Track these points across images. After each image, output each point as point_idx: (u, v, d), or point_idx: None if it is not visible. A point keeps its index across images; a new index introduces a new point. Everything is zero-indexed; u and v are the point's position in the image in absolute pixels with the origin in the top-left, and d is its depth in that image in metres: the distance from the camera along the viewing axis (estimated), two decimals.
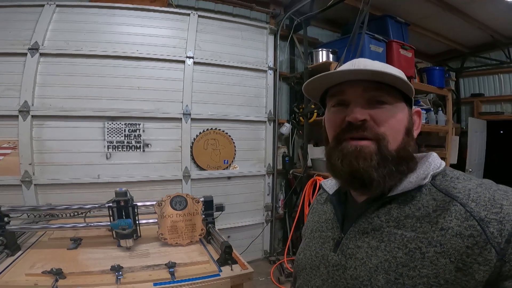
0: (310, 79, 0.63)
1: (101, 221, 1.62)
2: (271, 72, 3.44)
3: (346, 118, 0.58)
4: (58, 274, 1.25)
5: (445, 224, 0.49)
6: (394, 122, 0.58)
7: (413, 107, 0.66)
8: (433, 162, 0.59)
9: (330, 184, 0.74)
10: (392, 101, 0.58)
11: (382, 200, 0.58)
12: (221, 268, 1.44)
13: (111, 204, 1.48)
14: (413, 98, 0.64)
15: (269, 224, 3.51)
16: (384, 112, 0.58)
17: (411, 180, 0.56)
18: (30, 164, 2.44)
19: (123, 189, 1.49)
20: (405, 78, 0.58)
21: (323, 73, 0.60)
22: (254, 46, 3.39)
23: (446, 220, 0.49)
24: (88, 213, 1.55)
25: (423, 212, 0.53)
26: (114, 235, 1.52)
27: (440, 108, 4.29)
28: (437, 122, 3.96)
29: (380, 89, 0.58)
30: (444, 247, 0.48)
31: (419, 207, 0.54)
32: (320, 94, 0.68)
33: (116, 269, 1.32)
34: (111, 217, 1.50)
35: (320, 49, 3.25)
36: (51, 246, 1.61)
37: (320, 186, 0.80)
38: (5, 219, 1.50)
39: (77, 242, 1.58)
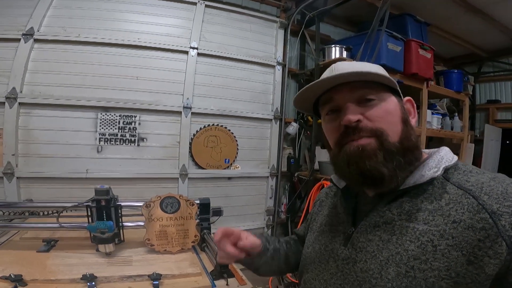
0: (297, 94, 0.66)
1: (80, 221, 1.41)
2: (279, 67, 3.23)
3: (341, 122, 0.59)
4: (17, 281, 1.06)
5: (457, 217, 0.49)
6: (388, 115, 0.58)
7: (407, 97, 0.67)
8: (446, 156, 0.58)
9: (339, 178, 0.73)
10: (379, 95, 0.59)
11: (393, 194, 0.58)
12: (215, 282, 1.23)
13: (89, 203, 1.27)
14: (399, 89, 0.64)
15: (270, 229, 3.30)
16: (375, 108, 0.58)
17: (423, 174, 0.55)
18: (13, 155, 2.24)
19: (105, 186, 1.28)
20: (381, 72, 0.60)
21: (306, 86, 0.63)
22: (263, 40, 3.20)
23: (458, 213, 0.49)
24: (64, 212, 1.34)
25: (435, 205, 0.53)
26: (92, 239, 1.31)
27: (455, 114, 4.07)
28: (452, 128, 3.77)
29: (364, 87, 0.59)
30: (456, 240, 0.48)
31: (432, 200, 0.54)
32: (312, 106, 0.70)
33: (88, 279, 1.11)
34: (90, 218, 1.29)
35: (333, 45, 3.04)
36: (21, 247, 1.41)
37: (330, 180, 0.78)
38: None
39: (50, 244, 1.37)
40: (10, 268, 1.15)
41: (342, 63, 0.63)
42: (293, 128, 3.28)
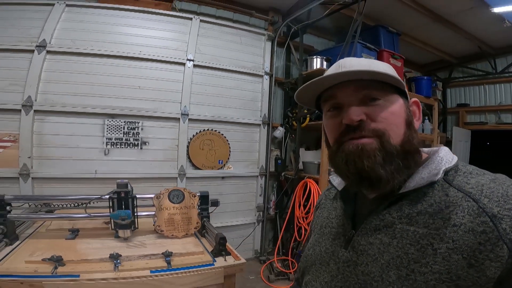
0: (300, 88, 0.63)
1: (100, 212, 1.67)
2: (267, 77, 3.55)
3: (342, 121, 0.57)
4: (58, 261, 1.27)
5: (457, 220, 0.49)
6: (392, 117, 0.57)
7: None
8: (445, 157, 0.57)
9: (338, 180, 0.72)
10: (384, 96, 0.57)
11: (393, 197, 0.57)
12: (215, 258, 1.49)
13: (111, 195, 1.54)
14: (407, 91, 0.62)
15: (260, 224, 3.59)
16: (379, 108, 0.56)
17: (423, 176, 0.55)
18: (29, 157, 2.49)
19: (125, 180, 1.55)
20: (391, 72, 0.58)
21: (311, 81, 0.60)
22: (252, 51, 3.51)
23: (459, 216, 0.49)
24: (88, 204, 1.61)
25: (435, 209, 0.52)
26: (112, 226, 1.58)
27: (426, 117, 4.42)
28: (423, 131, 4.10)
29: (370, 86, 0.57)
30: (456, 243, 0.47)
31: (432, 203, 0.53)
32: (314, 100, 0.68)
33: (115, 257, 1.35)
34: (111, 208, 1.56)
35: (314, 57, 3.36)
36: (49, 236, 1.64)
37: (329, 182, 0.77)
38: (7, 208, 1.53)
39: (75, 233, 1.63)
40: (46, 253, 1.36)
41: (350, 59, 0.61)
42: (279, 132, 3.61)
